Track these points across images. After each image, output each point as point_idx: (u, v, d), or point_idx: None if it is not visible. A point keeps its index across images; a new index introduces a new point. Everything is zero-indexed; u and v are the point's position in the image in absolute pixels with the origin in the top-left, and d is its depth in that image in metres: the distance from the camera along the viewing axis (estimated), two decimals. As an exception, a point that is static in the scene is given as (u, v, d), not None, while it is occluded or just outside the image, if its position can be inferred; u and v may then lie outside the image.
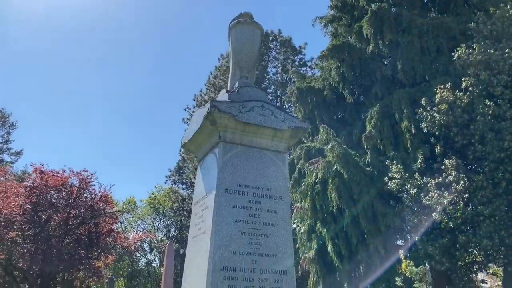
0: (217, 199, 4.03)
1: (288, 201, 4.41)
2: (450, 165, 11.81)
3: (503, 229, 10.90)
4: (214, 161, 4.35)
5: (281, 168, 4.49)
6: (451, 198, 11.27)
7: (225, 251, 3.84)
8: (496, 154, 11.44)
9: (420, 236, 11.76)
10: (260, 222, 4.12)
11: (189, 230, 4.66)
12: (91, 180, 18.66)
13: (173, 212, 41.10)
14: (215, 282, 3.68)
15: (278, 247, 4.09)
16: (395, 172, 12.74)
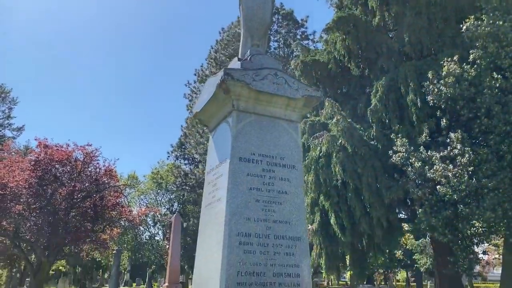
0: (231, 167, 4.04)
1: (301, 170, 4.42)
2: (456, 139, 11.81)
3: (506, 202, 10.99)
4: (227, 131, 4.34)
5: (294, 138, 4.48)
6: (456, 171, 11.32)
7: (240, 217, 3.89)
8: (502, 127, 11.42)
9: (423, 209, 11.87)
10: (274, 190, 4.15)
11: (203, 198, 4.69)
12: (95, 154, 18.73)
13: (175, 187, 41.46)
14: (232, 247, 3.74)
15: (291, 214, 4.14)
16: (400, 146, 12.75)
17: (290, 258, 3.96)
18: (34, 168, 16.77)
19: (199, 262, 4.30)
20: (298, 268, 3.96)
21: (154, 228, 44.77)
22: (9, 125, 43.96)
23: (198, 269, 4.29)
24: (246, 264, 3.75)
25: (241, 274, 3.70)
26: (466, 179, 11.08)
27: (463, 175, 11.16)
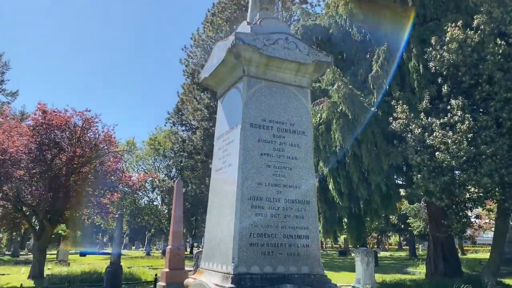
0: (243, 133, 4.08)
1: (311, 136, 4.47)
2: (456, 105, 11.85)
3: (503, 168, 11.16)
4: (237, 96, 4.34)
5: (304, 104, 4.50)
6: (455, 138, 11.43)
7: (252, 182, 3.97)
8: (503, 94, 11.44)
9: (422, 174, 12.06)
10: (284, 155, 4.21)
11: (212, 163, 4.76)
12: (94, 120, 18.66)
13: (173, 153, 41.68)
14: (244, 210, 3.84)
15: (301, 179, 4.22)
16: (400, 112, 12.79)
17: (300, 220, 4.08)
18: (33, 134, 16.74)
19: (211, 224, 4.42)
20: (307, 230, 4.09)
21: (152, 194, 45.33)
22: (3, 90, 43.42)
23: (209, 230, 4.42)
24: (258, 226, 3.86)
25: (253, 236, 3.82)
26: (465, 145, 11.21)
27: (462, 142, 11.28)
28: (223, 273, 3.80)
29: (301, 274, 3.91)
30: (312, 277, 3.95)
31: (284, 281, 3.76)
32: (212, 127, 37.26)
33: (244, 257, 3.73)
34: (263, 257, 3.81)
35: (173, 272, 11.17)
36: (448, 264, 16.13)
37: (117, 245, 14.10)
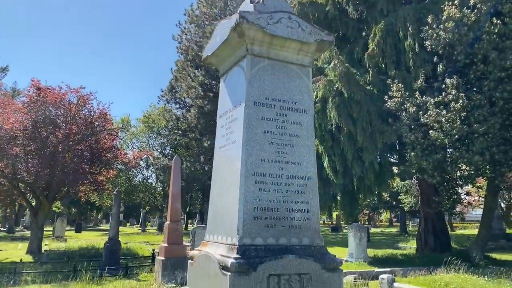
0: (246, 111, 4.18)
1: (312, 114, 4.58)
2: (451, 84, 12.00)
3: (494, 146, 11.44)
4: (240, 75, 4.42)
5: (306, 82, 4.59)
6: (449, 117, 11.64)
7: (256, 159, 4.10)
8: (497, 74, 11.60)
9: (415, 152, 12.31)
10: (287, 133, 4.33)
11: (215, 141, 4.87)
12: (89, 98, 18.60)
13: (167, 131, 41.64)
14: (248, 185, 3.99)
15: (302, 156, 4.36)
16: (396, 91, 12.93)
17: (301, 195, 4.24)
18: (28, 111, 16.68)
19: (215, 199, 4.57)
20: (308, 204, 4.26)
21: (147, 171, 45.50)
22: (-9, 66, 42.66)
23: (213, 205, 4.57)
24: (261, 200, 4.02)
25: (257, 209, 3.98)
26: (458, 124, 11.43)
27: (456, 120, 11.50)
28: (228, 244, 3.98)
29: (302, 246, 4.10)
30: (313, 248, 4.15)
31: (286, 251, 3.96)
32: (207, 105, 37.17)
33: (249, 230, 3.90)
34: (266, 229, 3.99)
35: (172, 247, 11.40)
36: (438, 240, 16.64)
37: (115, 221, 14.30)
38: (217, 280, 3.82)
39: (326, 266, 4.06)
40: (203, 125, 39.87)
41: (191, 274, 4.55)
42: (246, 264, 3.68)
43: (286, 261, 3.88)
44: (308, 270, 3.95)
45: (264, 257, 3.82)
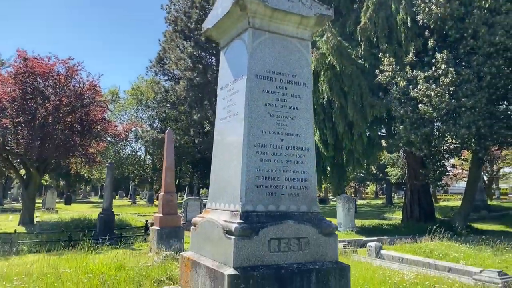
0: (248, 84, 4.30)
1: (311, 87, 4.72)
2: (441, 59, 12.19)
3: (480, 120, 11.79)
4: (242, 48, 4.50)
5: (305, 56, 4.70)
6: (438, 91, 11.89)
7: (257, 130, 4.26)
8: (486, 49, 11.80)
9: (404, 126, 12.60)
10: (287, 106, 4.48)
11: (216, 112, 5.00)
12: (77, 69, 18.35)
13: (156, 104, 41.33)
14: (250, 155, 4.17)
15: (301, 128, 4.53)
16: (387, 65, 13.08)
17: (300, 165, 4.44)
18: (16, 82, 16.42)
19: (216, 168, 4.75)
20: (306, 174, 4.46)
21: (136, 144, 45.37)
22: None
23: (215, 174, 4.75)
24: (262, 170, 4.21)
25: (258, 178, 4.17)
26: (447, 98, 11.70)
27: (444, 95, 11.76)
28: (231, 211, 4.19)
29: (300, 212, 4.33)
30: (310, 214, 4.39)
31: (286, 217, 4.19)
32: (196, 77, 36.84)
33: (251, 197, 4.10)
34: (267, 197, 4.20)
35: (167, 217, 11.67)
36: (423, 210, 17.25)
37: (109, 193, 14.49)
38: (221, 243, 4.04)
39: (322, 231, 4.32)
40: (193, 97, 39.64)
41: (194, 239, 4.78)
42: (249, 229, 3.91)
43: (286, 226, 4.12)
44: (306, 234, 4.20)
45: (265, 222, 4.05)
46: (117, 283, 5.70)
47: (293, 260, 4.09)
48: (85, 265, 6.54)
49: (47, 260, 8.05)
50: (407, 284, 6.11)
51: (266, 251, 3.97)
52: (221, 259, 4.04)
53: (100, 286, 5.53)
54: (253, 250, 3.91)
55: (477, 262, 8.33)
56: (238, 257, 3.82)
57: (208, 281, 4.05)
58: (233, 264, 3.80)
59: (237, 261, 3.81)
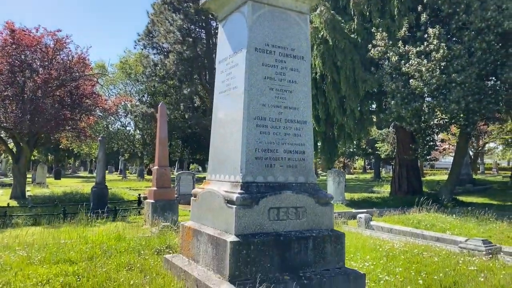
0: (248, 57, 4.35)
1: (309, 61, 4.79)
2: (433, 34, 12.25)
3: (469, 95, 11.99)
4: (241, 21, 4.53)
5: (303, 29, 4.75)
6: (429, 66, 12.01)
7: (257, 104, 4.35)
8: (477, 24, 11.88)
9: (395, 101, 12.76)
10: (285, 79, 4.56)
11: (215, 86, 5.05)
12: (66, 41, 17.99)
13: (145, 78, 40.82)
14: (250, 128, 4.27)
15: (300, 101, 4.63)
16: (379, 40, 13.11)
17: (298, 138, 4.56)
18: (3, 54, 16.08)
19: (216, 141, 4.85)
20: (303, 146, 4.60)
21: (125, 118, 44.99)
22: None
23: (215, 147, 4.85)
24: (262, 142, 4.33)
25: (258, 151, 4.29)
26: (438, 73, 11.84)
27: (435, 70, 11.89)
28: (231, 182, 4.32)
29: (298, 183, 4.49)
30: (307, 185, 4.55)
31: (284, 188, 4.34)
32: (186, 50, 36.35)
33: (250, 169, 4.23)
34: (266, 169, 4.33)
35: (161, 190, 11.81)
36: (411, 184, 17.68)
37: (101, 167, 14.52)
38: (223, 212, 4.20)
39: (319, 201, 4.50)
40: (182, 71, 39.19)
41: (195, 209, 4.92)
42: (249, 198, 4.06)
43: (284, 196, 4.28)
44: (303, 204, 4.38)
45: (264, 192, 4.20)
46: (118, 252, 5.86)
47: (291, 228, 4.28)
48: (85, 236, 6.68)
49: (46, 232, 8.19)
50: (397, 251, 6.40)
51: (265, 220, 4.14)
52: (222, 227, 4.20)
53: (101, 255, 5.68)
54: (254, 219, 4.07)
55: (462, 232, 8.68)
56: (239, 225, 3.99)
57: (210, 248, 4.22)
58: (235, 232, 3.96)
59: (239, 229, 3.98)
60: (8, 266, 5.03)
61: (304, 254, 4.20)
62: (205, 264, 4.30)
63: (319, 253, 4.30)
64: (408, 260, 5.83)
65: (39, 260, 5.29)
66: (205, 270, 4.23)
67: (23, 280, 4.41)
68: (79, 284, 4.37)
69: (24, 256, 5.39)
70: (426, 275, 4.97)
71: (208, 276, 4.06)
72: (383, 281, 4.83)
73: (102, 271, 4.78)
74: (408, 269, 5.30)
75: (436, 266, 5.42)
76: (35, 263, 5.15)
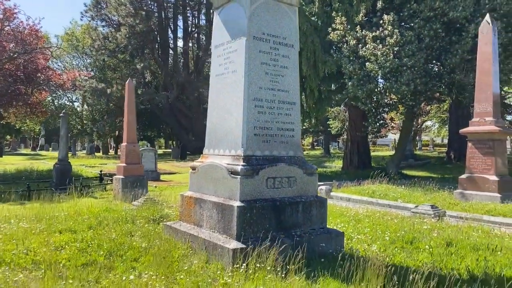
0: (247, 44, 4.86)
1: (297, 48, 5.39)
2: (388, 20, 13.26)
3: (418, 78, 13.22)
4: (239, 10, 5.00)
5: (293, 20, 5.33)
6: (384, 50, 13.04)
7: (255, 86, 4.90)
8: (426, 13, 13.02)
9: (352, 82, 13.75)
10: (278, 65, 5.13)
11: (212, 68, 5.51)
12: (14, 11, 17.11)
13: (94, 51, 39.21)
14: (249, 108, 4.82)
15: (290, 85, 5.24)
16: (339, 24, 13.93)
17: (288, 117, 5.20)
18: None
19: (214, 119, 5.34)
20: (293, 124, 5.24)
21: (74, 94, 43.14)
22: None
23: (214, 124, 5.35)
24: (259, 121, 4.91)
25: (256, 128, 4.88)
26: (391, 57, 12.92)
27: (389, 54, 12.95)
28: (232, 156, 4.88)
29: (289, 156, 5.16)
30: (296, 158, 5.23)
31: (279, 161, 4.99)
32: (139, 24, 35.39)
33: (250, 144, 4.82)
34: (263, 144, 4.94)
35: (130, 166, 12.05)
36: (361, 159, 19.12)
37: (64, 144, 14.34)
38: (227, 182, 4.78)
39: (306, 172, 5.21)
40: (135, 46, 38.13)
41: (194, 181, 5.45)
42: (251, 170, 4.68)
43: (279, 168, 4.94)
44: (294, 174, 5.07)
45: (263, 165, 4.83)
46: (113, 222, 6.26)
47: (285, 194, 4.96)
48: (77, 209, 6.96)
49: (22, 209, 8.28)
50: (361, 216, 7.36)
51: (264, 188, 4.79)
52: (226, 195, 4.80)
53: (98, 225, 6.06)
54: (254, 187, 4.71)
55: (411, 200, 9.90)
56: (243, 193, 4.61)
57: (215, 213, 4.81)
58: (239, 198, 4.58)
59: (242, 196, 4.60)
60: (14, 236, 5.29)
61: (295, 216, 4.92)
62: (210, 227, 4.89)
63: (307, 215, 5.04)
64: (372, 222, 6.78)
65: (41, 231, 5.58)
66: (211, 233, 4.82)
67: (40, 246, 4.75)
68: (94, 249, 4.80)
69: (26, 227, 5.66)
70: (390, 233, 5.91)
71: (215, 236, 4.67)
72: (356, 239, 5.69)
73: (108, 238, 5.22)
74: (374, 229, 6.23)
75: (396, 227, 6.39)
76: (39, 233, 5.44)
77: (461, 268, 4.27)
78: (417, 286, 3.28)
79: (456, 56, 12.83)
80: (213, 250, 4.47)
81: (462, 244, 5.28)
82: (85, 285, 3.64)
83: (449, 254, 4.87)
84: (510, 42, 12.78)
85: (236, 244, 4.32)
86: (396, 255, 4.88)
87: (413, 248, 5.21)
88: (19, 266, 4.09)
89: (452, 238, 5.53)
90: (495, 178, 9.48)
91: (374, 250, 5.06)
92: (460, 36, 12.92)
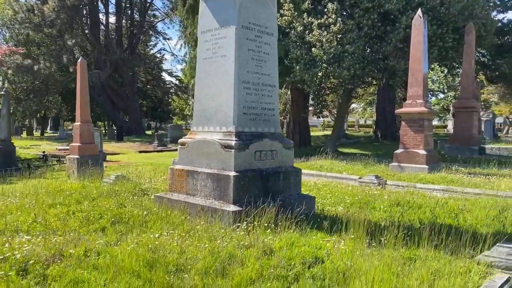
0: (237, 32, 5.44)
1: (277, 37, 6.08)
2: (331, 9, 14.33)
3: (357, 64, 14.54)
4: (228, 1, 5.56)
5: (273, 11, 5.99)
6: (328, 37, 14.14)
7: (243, 70, 5.51)
8: (366, 4, 14.29)
9: (299, 66, 14.71)
10: (261, 51, 5.79)
11: (198, 52, 6.00)
12: None
13: (17, 24, 36.22)
14: (239, 90, 5.44)
15: (271, 69, 5.92)
16: (287, 10, 14.75)
17: (270, 98, 5.90)
18: None
19: (202, 99, 5.86)
20: (273, 105, 5.96)
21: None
22: None
23: (202, 103, 5.86)
24: (247, 101, 5.56)
25: (245, 108, 5.52)
26: (335, 44, 14.06)
27: (333, 41, 14.08)
28: (223, 132, 5.49)
29: (270, 133, 5.88)
30: (276, 134, 5.98)
31: (263, 136, 5.70)
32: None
33: (240, 122, 5.46)
34: (250, 121, 5.61)
35: (85, 146, 12.01)
36: (302, 138, 20.46)
37: (6, 123, 13.69)
38: (220, 156, 5.41)
39: (285, 146, 6.01)
40: (64, 20, 35.92)
41: (184, 155, 5.98)
42: (243, 144, 5.35)
43: (264, 142, 5.68)
44: (276, 148, 5.84)
45: (251, 140, 5.53)
46: (97, 196, 6.57)
47: (269, 165, 5.72)
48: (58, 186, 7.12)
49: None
50: (320, 186, 8.38)
51: (253, 160, 5.50)
52: (220, 166, 5.43)
53: (84, 199, 6.35)
54: (245, 159, 5.40)
55: (355, 172, 11.20)
56: (236, 164, 5.28)
57: (210, 183, 5.43)
58: (234, 169, 5.24)
59: (235, 167, 5.27)
60: (8, 211, 5.46)
61: (278, 184, 5.71)
62: (204, 196, 5.51)
63: (286, 183, 5.86)
64: (330, 190, 7.82)
65: (33, 205, 5.78)
66: (206, 200, 5.45)
67: (48, 217, 5.03)
68: (97, 218, 5.19)
69: (18, 202, 5.81)
70: (349, 197, 6.97)
71: (212, 202, 5.31)
72: (321, 203, 6.65)
73: (105, 208, 5.60)
74: (334, 195, 7.25)
75: (351, 193, 7.48)
76: (33, 208, 5.65)
77: (414, 220, 5.39)
78: (391, 230, 4.24)
79: (390, 44, 14.32)
80: (213, 214, 5.11)
81: (408, 204, 6.47)
82: (120, 238, 4.13)
83: (400, 211, 6.00)
84: (434, 34, 14.51)
85: (234, 207, 5.02)
86: (359, 213, 5.90)
87: (371, 208, 6.29)
88: (40, 233, 4.41)
89: (400, 200, 6.71)
90: (424, 152, 11.09)
91: (341, 210, 6.05)
92: (393, 26, 14.39)
